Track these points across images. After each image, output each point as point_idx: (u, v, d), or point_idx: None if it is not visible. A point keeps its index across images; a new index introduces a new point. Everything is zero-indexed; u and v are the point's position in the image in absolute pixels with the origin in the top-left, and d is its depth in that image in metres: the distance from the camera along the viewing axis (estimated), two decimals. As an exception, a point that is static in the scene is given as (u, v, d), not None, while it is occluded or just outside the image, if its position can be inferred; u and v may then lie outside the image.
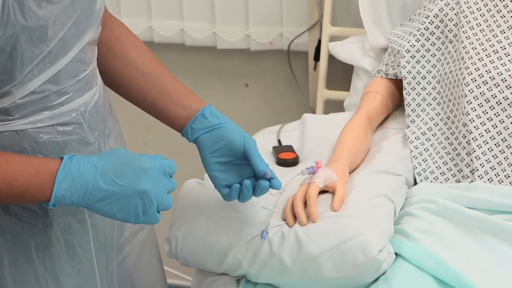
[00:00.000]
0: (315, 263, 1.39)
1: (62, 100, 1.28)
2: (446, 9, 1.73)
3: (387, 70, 1.80)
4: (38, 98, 1.24)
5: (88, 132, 1.33)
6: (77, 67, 1.29)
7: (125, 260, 1.51)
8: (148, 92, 1.45)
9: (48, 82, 1.24)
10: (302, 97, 2.36)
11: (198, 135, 1.42)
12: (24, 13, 1.16)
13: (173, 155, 2.54)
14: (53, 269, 1.33)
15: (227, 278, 1.52)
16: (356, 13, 2.06)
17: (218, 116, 1.42)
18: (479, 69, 1.62)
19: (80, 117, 1.31)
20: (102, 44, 1.42)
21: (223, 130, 1.41)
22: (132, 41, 1.48)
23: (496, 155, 1.58)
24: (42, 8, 1.18)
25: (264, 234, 1.43)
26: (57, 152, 1.28)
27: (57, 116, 1.28)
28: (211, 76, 2.47)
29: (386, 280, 1.38)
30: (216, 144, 1.41)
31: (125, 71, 1.45)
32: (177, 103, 1.44)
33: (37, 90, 1.24)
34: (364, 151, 1.67)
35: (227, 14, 2.33)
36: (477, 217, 1.47)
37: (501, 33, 1.66)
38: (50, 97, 1.26)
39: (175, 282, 2.69)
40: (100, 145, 1.37)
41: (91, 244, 1.38)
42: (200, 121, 1.42)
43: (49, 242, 1.32)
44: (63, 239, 1.33)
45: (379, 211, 1.45)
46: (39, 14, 1.18)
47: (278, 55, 2.36)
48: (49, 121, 1.27)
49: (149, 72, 1.45)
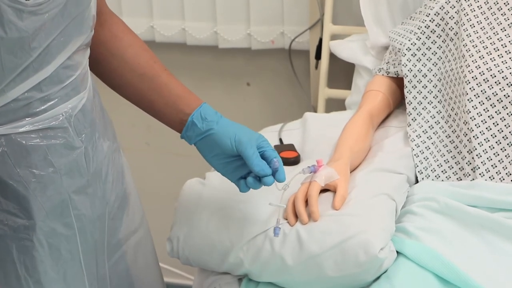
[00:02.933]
0: (316, 261, 1.39)
1: (46, 107, 1.26)
2: (447, 7, 1.73)
3: (388, 69, 1.80)
4: (21, 105, 1.23)
5: (74, 136, 1.31)
6: (63, 73, 1.27)
7: (119, 262, 1.50)
8: (145, 94, 1.44)
9: (31, 90, 1.23)
10: (304, 95, 2.36)
11: (195, 142, 1.42)
12: (3, 25, 1.14)
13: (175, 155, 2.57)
14: (36, 273, 1.32)
15: (229, 277, 1.52)
16: (357, 11, 2.06)
17: (208, 119, 1.40)
18: (480, 67, 1.62)
19: (66, 121, 1.29)
20: (100, 43, 1.41)
21: (214, 136, 1.39)
22: (129, 39, 1.45)
23: (497, 153, 1.58)
24: (24, 19, 1.16)
25: (276, 230, 1.41)
26: (40, 156, 1.27)
27: (41, 121, 1.26)
28: (213, 76, 2.47)
29: (387, 279, 1.38)
30: (213, 150, 1.40)
31: (122, 72, 1.44)
32: (171, 106, 1.43)
33: (19, 97, 1.22)
34: (365, 149, 1.66)
35: (228, 13, 2.33)
36: (478, 215, 1.47)
37: (502, 31, 1.66)
38: (33, 104, 1.24)
39: (177, 281, 2.69)
40: (87, 149, 1.35)
41: (79, 248, 1.37)
42: (192, 128, 1.41)
43: (31, 246, 1.30)
44: (47, 243, 1.32)
45: (381, 209, 1.45)
46: (20, 25, 1.16)
47: (279, 54, 2.36)
48: (31, 127, 1.25)
49: (144, 73, 1.43)
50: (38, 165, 1.28)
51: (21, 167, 1.26)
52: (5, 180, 1.26)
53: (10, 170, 1.26)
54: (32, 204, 1.29)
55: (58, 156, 1.29)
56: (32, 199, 1.29)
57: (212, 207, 1.52)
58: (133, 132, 2.56)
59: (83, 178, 1.35)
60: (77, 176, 1.34)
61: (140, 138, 2.60)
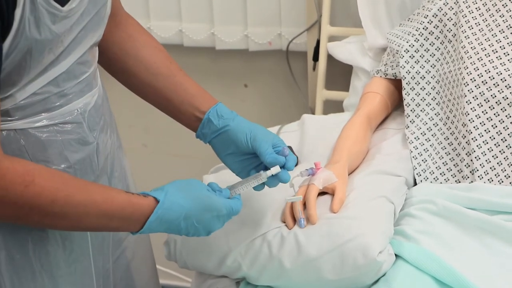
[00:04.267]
0: (314, 265, 1.38)
1: (61, 102, 1.28)
2: (445, 8, 1.73)
3: (386, 70, 1.80)
4: (39, 99, 1.24)
5: (88, 131, 1.33)
6: (78, 69, 1.30)
7: (121, 257, 1.51)
8: (160, 93, 1.46)
9: (48, 84, 1.25)
10: (301, 97, 2.36)
11: (210, 139, 1.43)
12: (39, 28, 1.17)
13: (172, 156, 2.57)
14: (49, 267, 1.33)
15: (227, 281, 1.52)
16: (354, 13, 2.06)
17: (225, 116, 1.42)
18: (478, 69, 1.61)
19: (80, 116, 1.32)
20: (115, 43, 1.43)
21: (229, 133, 1.41)
22: (144, 39, 1.48)
23: (496, 155, 1.57)
24: (56, 23, 1.19)
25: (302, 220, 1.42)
26: (56, 150, 1.28)
27: (57, 116, 1.28)
28: (210, 77, 2.46)
29: (386, 282, 1.38)
30: (228, 147, 1.41)
31: (137, 70, 1.45)
32: (187, 104, 1.44)
33: (37, 91, 1.24)
34: (363, 151, 1.66)
35: (225, 14, 2.33)
36: (477, 218, 1.47)
37: (500, 33, 1.66)
38: (51, 99, 1.26)
39: (175, 283, 2.69)
40: (98, 144, 1.37)
41: (89, 243, 1.39)
42: (208, 125, 1.43)
43: (46, 240, 1.31)
44: (60, 237, 1.33)
45: (379, 212, 1.44)
46: (53, 28, 1.19)
47: (277, 55, 2.36)
48: (48, 121, 1.27)
49: (160, 72, 1.45)
50: (54, 160, 1.29)
51: (38, 161, 1.27)
52: None
53: None
54: None
55: (72, 151, 1.31)
56: None
57: (210, 210, 1.51)
58: (130, 133, 2.55)
59: (94, 174, 1.37)
60: (90, 172, 1.36)
61: (137, 139, 2.59)
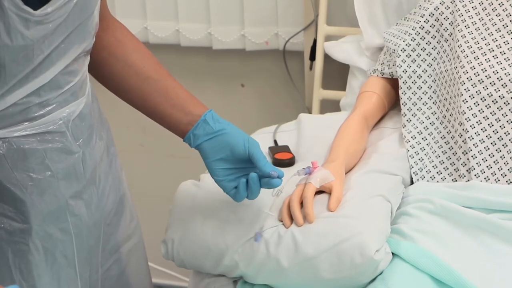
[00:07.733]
0: (312, 264, 1.38)
1: (44, 112, 1.26)
2: (441, 7, 1.73)
3: (383, 70, 1.80)
4: (19, 110, 1.23)
5: (72, 141, 1.32)
6: (63, 79, 1.27)
7: (112, 268, 1.50)
8: (149, 97, 1.44)
9: (30, 95, 1.23)
10: (298, 97, 2.36)
11: (201, 141, 1.41)
12: (9, 34, 1.14)
13: (169, 156, 2.57)
14: (31, 278, 1.32)
15: (224, 280, 1.52)
16: (351, 12, 2.06)
17: (220, 121, 1.41)
18: (474, 68, 1.62)
19: (64, 126, 1.30)
20: (103, 48, 1.41)
21: (226, 136, 1.39)
22: (134, 44, 1.46)
23: (492, 153, 1.58)
24: (30, 28, 1.17)
25: (258, 237, 1.42)
26: (37, 160, 1.27)
27: (38, 125, 1.26)
28: (207, 77, 2.46)
29: (383, 280, 1.38)
30: (220, 151, 1.40)
31: (126, 75, 1.43)
32: (178, 108, 1.43)
33: (18, 102, 1.22)
34: (360, 150, 1.66)
35: (222, 14, 2.32)
36: (474, 216, 1.47)
37: (496, 32, 1.66)
38: (32, 109, 1.24)
39: (172, 283, 2.69)
40: (84, 154, 1.35)
41: (74, 253, 1.37)
42: (202, 127, 1.41)
43: (26, 250, 1.30)
44: (42, 247, 1.32)
45: (376, 211, 1.45)
46: (26, 34, 1.16)
47: (274, 55, 2.36)
48: (29, 131, 1.26)
49: (150, 76, 1.43)
50: (36, 169, 1.28)
51: (19, 170, 1.26)
52: (2, 183, 1.26)
53: (8, 173, 1.26)
54: (29, 208, 1.29)
55: (55, 161, 1.29)
56: (29, 203, 1.28)
57: (207, 209, 1.51)
58: (127, 134, 2.56)
59: (80, 183, 1.35)
60: (74, 181, 1.34)
61: (134, 139, 2.59)
